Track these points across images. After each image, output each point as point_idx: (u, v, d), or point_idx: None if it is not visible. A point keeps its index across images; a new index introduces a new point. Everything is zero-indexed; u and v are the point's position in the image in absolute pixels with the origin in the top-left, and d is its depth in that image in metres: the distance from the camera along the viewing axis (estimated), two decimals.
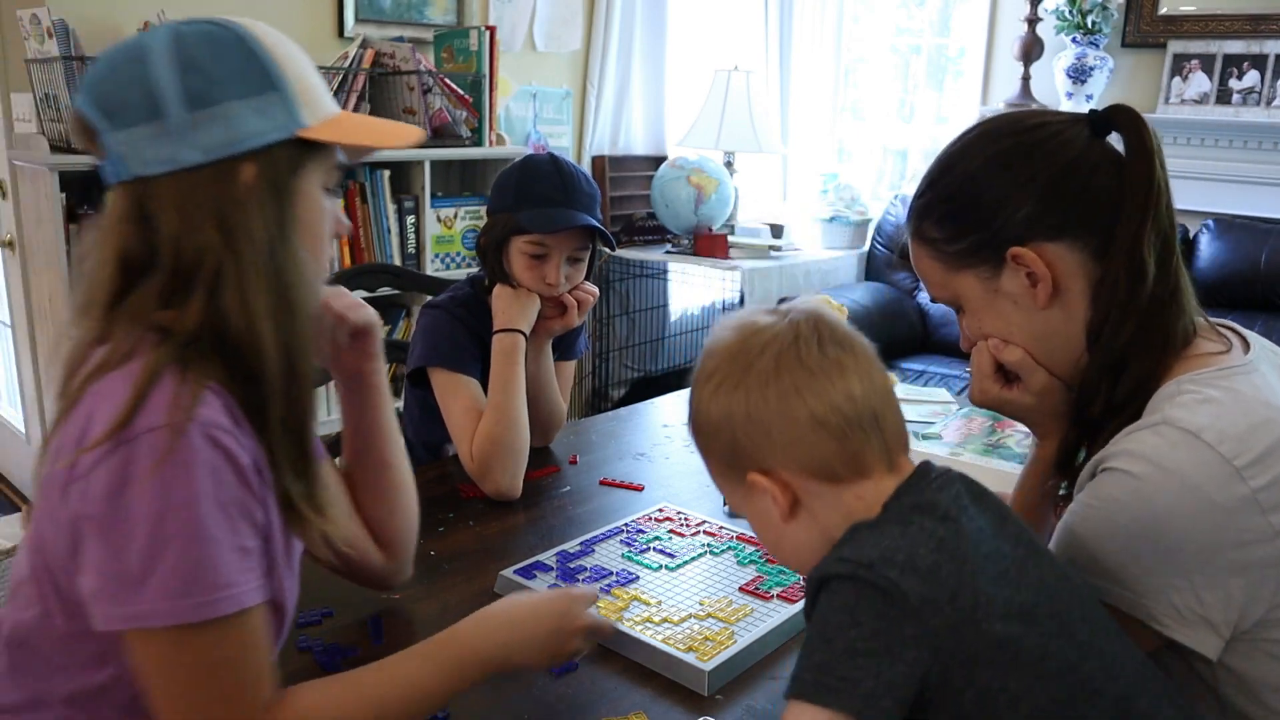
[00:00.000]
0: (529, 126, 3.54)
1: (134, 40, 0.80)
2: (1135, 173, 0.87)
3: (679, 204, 3.60)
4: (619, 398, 3.85)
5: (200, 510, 0.72)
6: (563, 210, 1.48)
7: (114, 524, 0.72)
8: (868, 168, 4.52)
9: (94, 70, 0.80)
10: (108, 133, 0.78)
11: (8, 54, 2.53)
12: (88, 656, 0.80)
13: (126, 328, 0.78)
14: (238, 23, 0.82)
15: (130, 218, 0.79)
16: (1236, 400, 0.82)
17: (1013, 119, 0.93)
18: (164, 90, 0.77)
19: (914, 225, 0.97)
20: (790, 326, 0.79)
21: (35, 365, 2.63)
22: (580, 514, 1.42)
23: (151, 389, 0.73)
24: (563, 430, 1.71)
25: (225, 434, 0.75)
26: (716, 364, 0.80)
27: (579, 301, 1.56)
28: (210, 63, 0.78)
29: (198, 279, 0.77)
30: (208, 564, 0.73)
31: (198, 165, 0.77)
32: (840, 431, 0.76)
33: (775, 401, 0.76)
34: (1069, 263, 0.89)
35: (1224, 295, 3.27)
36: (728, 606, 1.12)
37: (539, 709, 0.97)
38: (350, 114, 0.87)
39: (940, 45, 4.36)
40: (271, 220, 0.79)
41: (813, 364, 0.76)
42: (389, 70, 2.84)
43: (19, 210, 2.56)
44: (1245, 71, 3.40)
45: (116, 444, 0.71)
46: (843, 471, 0.77)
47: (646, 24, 3.78)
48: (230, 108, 0.78)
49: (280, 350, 0.79)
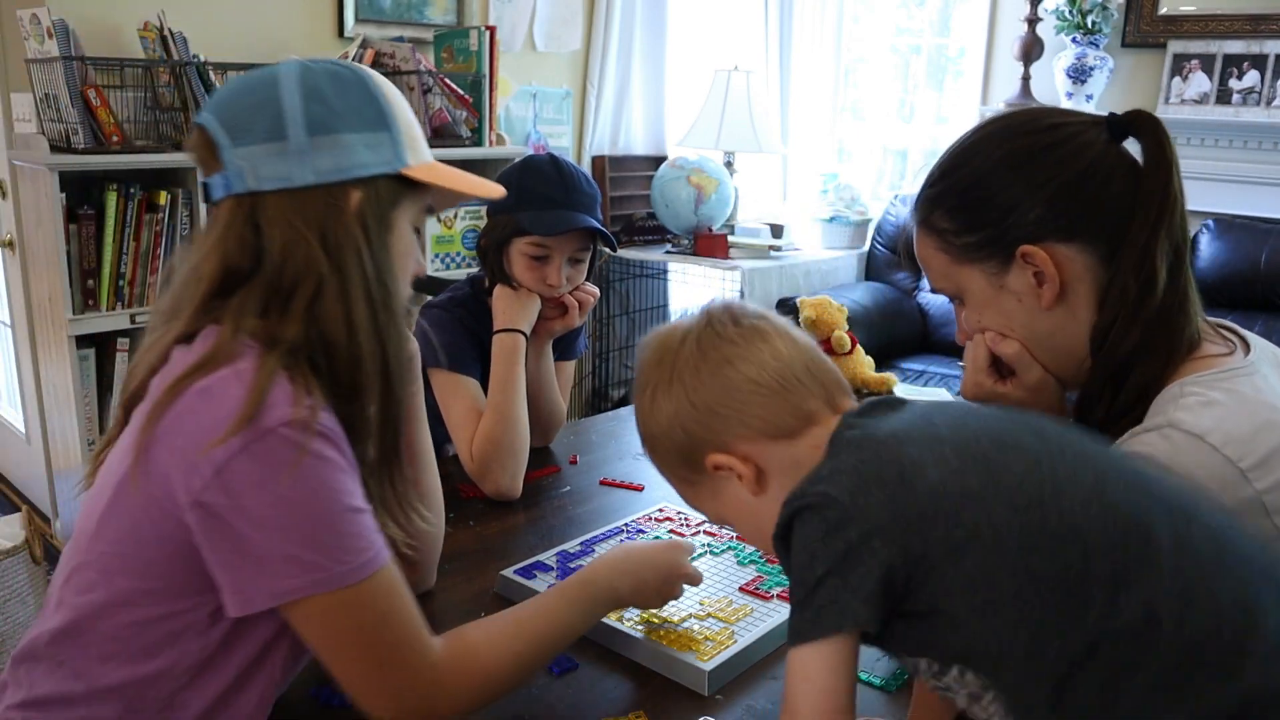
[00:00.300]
0: (529, 126, 3.54)
1: (266, 69, 0.88)
2: (1153, 181, 0.87)
3: (679, 204, 3.60)
4: (619, 398, 3.85)
5: (342, 484, 0.80)
6: (564, 212, 1.48)
7: (269, 509, 0.77)
8: (868, 168, 4.52)
9: (223, 91, 0.89)
10: (229, 148, 0.85)
11: (8, 54, 2.53)
12: (141, 647, 0.82)
13: (219, 331, 0.83)
14: (360, 67, 0.91)
15: (240, 228, 0.84)
16: (1240, 402, 0.82)
17: (1032, 116, 0.92)
18: (289, 114, 0.84)
19: (922, 214, 0.96)
20: (702, 315, 0.83)
21: (35, 365, 2.63)
22: (580, 514, 1.42)
23: (271, 385, 0.78)
24: (563, 430, 1.71)
25: (334, 429, 0.82)
26: (646, 375, 0.83)
27: (580, 302, 1.56)
28: (333, 96, 0.86)
29: (299, 291, 0.84)
30: (358, 528, 0.81)
31: (309, 186, 0.84)
32: (778, 387, 0.78)
33: (709, 379, 0.79)
34: (1077, 265, 0.89)
35: (1224, 295, 3.27)
36: (728, 606, 1.12)
37: (539, 709, 0.97)
38: (443, 164, 0.96)
39: (940, 45, 4.36)
40: (371, 244, 0.86)
41: (733, 335, 0.80)
42: (389, 70, 2.84)
43: (19, 210, 2.56)
44: (1245, 71, 3.40)
45: (252, 436, 0.76)
46: (793, 422, 0.78)
47: (646, 24, 3.78)
48: (345, 138, 0.85)
49: (379, 364, 0.87)
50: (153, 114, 2.43)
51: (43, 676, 0.84)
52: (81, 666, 0.83)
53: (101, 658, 0.82)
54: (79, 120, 2.25)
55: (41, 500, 2.82)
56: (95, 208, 2.32)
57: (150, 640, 0.82)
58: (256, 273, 0.84)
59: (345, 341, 0.84)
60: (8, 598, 1.73)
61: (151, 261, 2.41)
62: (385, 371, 0.87)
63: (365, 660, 0.82)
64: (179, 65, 2.40)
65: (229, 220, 0.85)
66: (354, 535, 0.81)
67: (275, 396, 0.78)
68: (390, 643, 0.83)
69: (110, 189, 2.33)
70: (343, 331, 0.84)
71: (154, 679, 0.82)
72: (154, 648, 0.82)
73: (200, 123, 0.87)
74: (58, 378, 2.44)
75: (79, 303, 2.33)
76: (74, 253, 2.30)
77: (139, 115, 2.41)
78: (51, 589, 0.88)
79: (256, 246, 0.84)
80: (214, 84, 2.45)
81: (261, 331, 0.83)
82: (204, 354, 0.81)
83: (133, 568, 0.82)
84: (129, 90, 2.38)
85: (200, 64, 2.42)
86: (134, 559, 0.81)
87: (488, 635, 0.91)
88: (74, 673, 0.83)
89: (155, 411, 0.79)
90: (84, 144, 2.27)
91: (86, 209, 2.31)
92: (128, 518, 0.81)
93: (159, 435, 0.79)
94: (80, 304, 2.33)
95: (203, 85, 2.43)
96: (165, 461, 0.78)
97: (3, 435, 3.17)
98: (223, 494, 0.76)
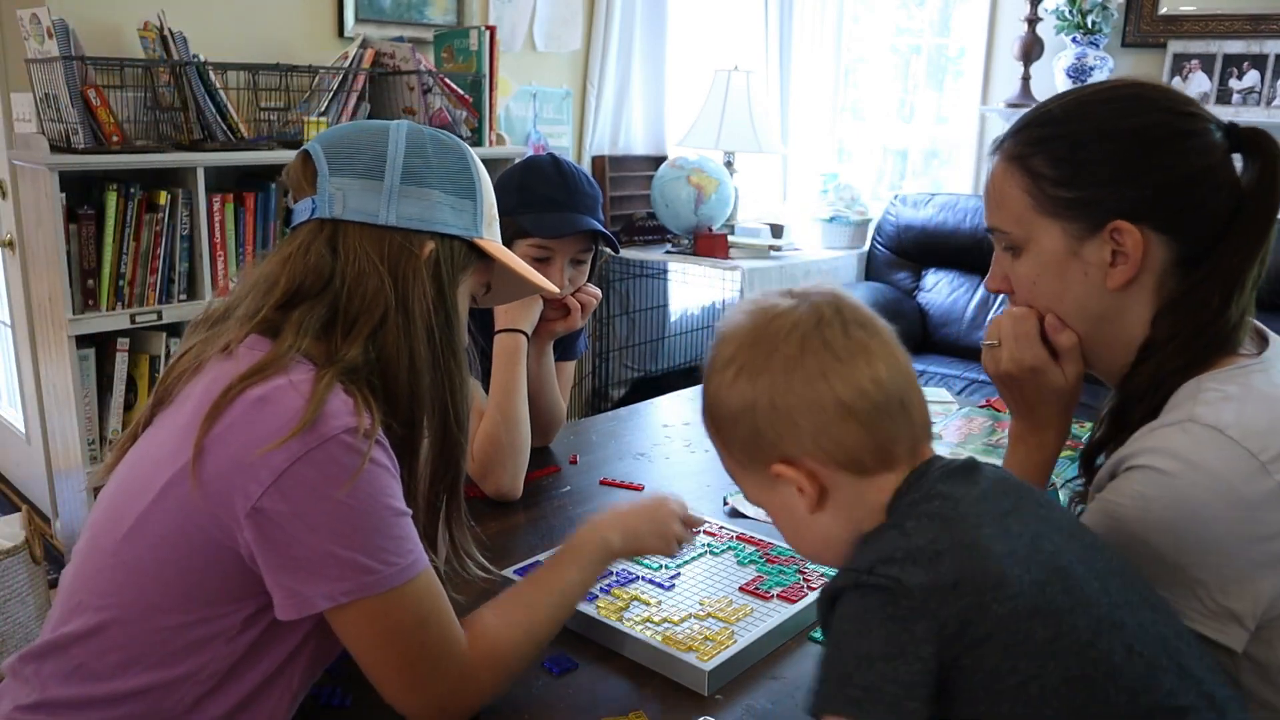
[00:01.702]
0: (529, 126, 3.54)
1: (381, 122, 0.95)
2: (1262, 205, 0.86)
3: (679, 204, 3.60)
4: (619, 398, 3.85)
5: (393, 489, 0.83)
6: (567, 214, 1.48)
7: (328, 515, 0.79)
8: (868, 168, 4.52)
9: (337, 129, 0.95)
10: (327, 176, 0.90)
11: (8, 54, 2.53)
12: (168, 653, 0.82)
13: (272, 342, 0.85)
14: (463, 142, 0.98)
15: (319, 248, 0.89)
16: (1257, 397, 0.82)
17: (1168, 94, 0.89)
18: (390, 159, 0.91)
19: (1020, 150, 0.92)
20: (812, 309, 0.76)
21: (35, 365, 2.62)
22: (580, 514, 1.42)
23: (329, 395, 0.81)
24: (563, 430, 1.71)
25: (383, 437, 0.84)
26: (734, 350, 0.77)
27: (582, 304, 1.56)
28: (433, 156, 0.93)
29: (364, 318, 0.87)
30: (404, 531, 0.84)
31: (390, 226, 0.89)
32: (869, 418, 0.73)
33: (801, 387, 0.73)
34: (1156, 258, 0.88)
35: None
36: (728, 606, 1.12)
37: (539, 709, 0.97)
38: (507, 250, 1.02)
39: (940, 45, 4.36)
40: (441, 292, 0.91)
41: (838, 347, 0.74)
42: (389, 70, 2.84)
43: (19, 210, 2.56)
44: (1245, 71, 3.40)
45: (312, 443, 0.78)
46: (870, 463, 0.75)
47: (646, 24, 3.78)
48: (434, 195, 0.92)
49: (440, 406, 0.91)
50: (153, 114, 2.43)
51: (57, 679, 0.84)
52: (100, 669, 0.82)
53: (124, 662, 0.82)
54: (79, 120, 2.25)
55: (41, 500, 2.82)
56: (95, 208, 2.32)
57: (178, 646, 0.82)
58: (324, 293, 0.88)
59: (406, 375, 0.88)
60: (8, 598, 1.73)
61: (151, 261, 2.41)
62: (446, 414, 0.92)
63: (403, 661, 0.84)
64: (179, 65, 2.40)
65: (308, 240, 0.89)
66: (401, 539, 0.83)
67: (334, 405, 0.80)
68: (428, 643, 0.85)
69: (110, 189, 2.33)
70: (405, 365, 0.88)
71: (176, 684, 0.82)
72: (181, 653, 0.82)
73: (306, 149, 0.93)
74: (58, 378, 2.44)
75: (79, 303, 2.33)
76: (74, 253, 2.30)
77: (139, 115, 2.41)
78: (65, 588, 0.88)
79: (330, 268, 0.88)
80: (214, 84, 2.45)
81: (317, 350, 0.86)
82: (257, 362, 0.83)
83: (169, 573, 0.82)
84: (129, 90, 2.38)
85: (200, 64, 2.42)
86: (173, 564, 0.81)
87: (504, 621, 0.92)
88: (92, 675, 0.82)
89: (208, 419, 0.80)
90: (84, 144, 2.27)
91: (86, 209, 2.31)
92: (174, 522, 0.81)
93: (212, 442, 0.80)
94: (80, 304, 2.33)
95: (203, 85, 2.43)
96: (220, 469, 0.79)
97: (3, 435, 3.17)
98: (282, 500, 0.78)
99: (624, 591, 1.15)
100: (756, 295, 0.81)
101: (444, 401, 0.92)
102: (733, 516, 1.41)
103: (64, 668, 0.83)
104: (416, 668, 0.85)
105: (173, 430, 0.84)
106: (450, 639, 0.87)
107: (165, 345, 2.48)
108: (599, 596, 1.13)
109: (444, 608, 0.87)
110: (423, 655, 0.85)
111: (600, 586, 1.15)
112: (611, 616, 1.09)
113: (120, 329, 2.41)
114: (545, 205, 1.48)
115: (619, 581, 1.17)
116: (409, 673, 0.85)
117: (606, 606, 1.11)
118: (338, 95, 2.72)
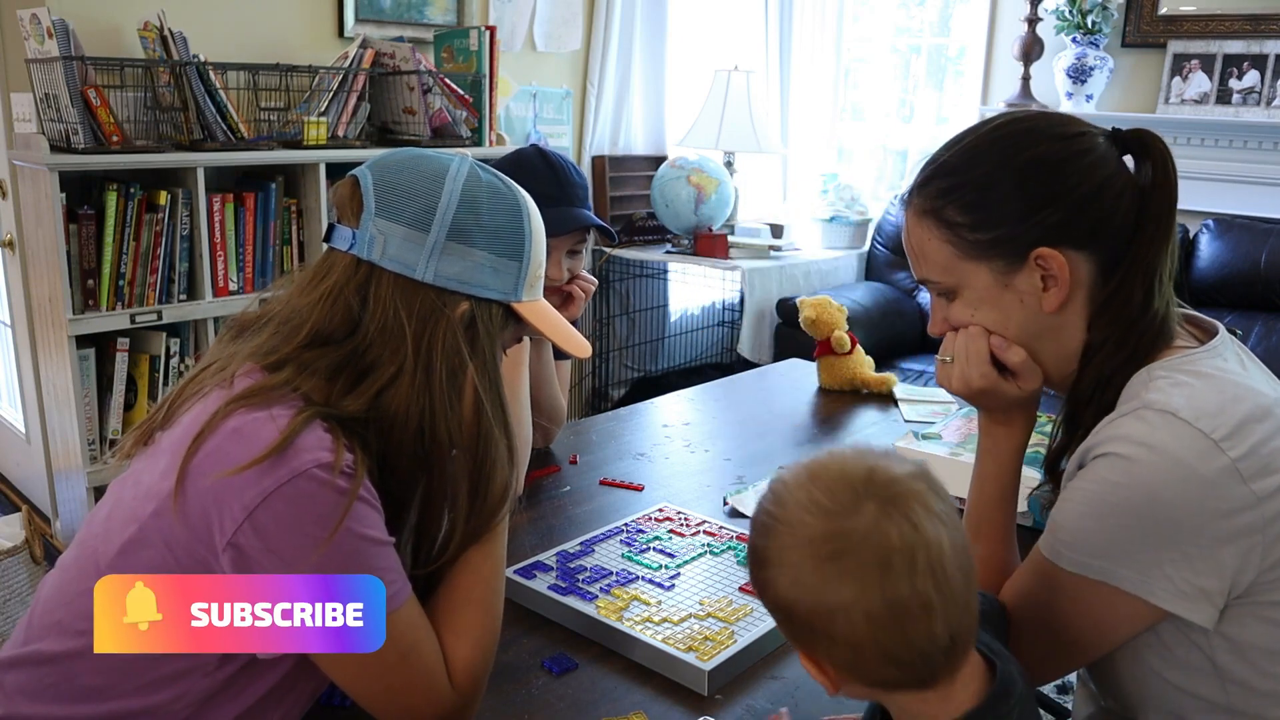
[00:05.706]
0: (529, 126, 3.54)
1: (444, 158, 0.91)
2: (1160, 201, 0.91)
3: (679, 204, 3.60)
4: (619, 398, 3.85)
5: (371, 520, 0.81)
6: (563, 209, 1.48)
7: (300, 550, 0.77)
8: (868, 168, 4.52)
9: (396, 159, 0.91)
10: (372, 215, 0.87)
11: (8, 54, 2.53)
12: (146, 682, 0.81)
13: (265, 375, 0.84)
14: (525, 195, 0.95)
15: (350, 296, 0.87)
16: (1205, 380, 0.85)
17: (1053, 121, 0.94)
18: (440, 212, 0.87)
19: (930, 204, 0.95)
20: (880, 534, 0.69)
21: (35, 365, 2.62)
22: (580, 514, 1.42)
23: (305, 430, 0.79)
24: (563, 430, 1.71)
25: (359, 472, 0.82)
26: (807, 533, 0.72)
27: (583, 291, 1.56)
28: (485, 211, 0.90)
29: (374, 374, 0.86)
30: (385, 562, 0.82)
31: (425, 283, 0.87)
32: (910, 666, 0.71)
33: (863, 625, 0.70)
34: (1082, 273, 0.92)
35: (1224, 295, 3.27)
36: (728, 606, 1.12)
37: (539, 709, 0.97)
38: (547, 305, 0.99)
39: (940, 45, 4.36)
40: (461, 354, 0.88)
41: (903, 595, 0.69)
42: (389, 70, 2.84)
43: (19, 210, 2.56)
44: (1245, 71, 3.40)
45: (282, 477, 0.76)
46: (907, 682, 0.73)
47: (646, 24, 3.78)
48: (478, 254, 0.89)
49: (469, 452, 0.89)
50: (153, 114, 2.43)
51: (25, 695, 0.83)
52: (72, 692, 0.81)
53: (98, 688, 0.81)
54: (79, 120, 2.25)
55: (41, 500, 2.82)
56: (95, 208, 2.32)
57: (153, 677, 0.81)
58: (347, 341, 0.86)
59: (413, 433, 0.86)
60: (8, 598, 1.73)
61: (151, 261, 2.41)
62: (477, 476, 0.90)
63: (389, 695, 0.83)
64: (179, 65, 2.40)
65: (343, 282, 0.87)
66: (382, 570, 0.81)
67: (307, 440, 0.78)
68: (414, 673, 0.84)
69: (110, 189, 2.33)
70: (414, 422, 0.86)
71: (148, 713, 0.81)
72: (156, 684, 0.81)
73: (357, 176, 0.89)
74: (58, 378, 2.44)
75: (79, 303, 2.33)
76: (74, 253, 2.30)
77: (139, 115, 2.41)
78: (46, 599, 0.86)
79: (358, 319, 0.87)
80: (214, 84, 2.45)
81: (318, 390, 0.84)
82: (243, 389, 0.82)
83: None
84: (129, 90, 2.38)
85: (200, 64, 2.42)
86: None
87: (466, 634, 0.89)
88: (62, 695, 0.81)
89: (191, 448, 0.79)
90: (84, 144, 2.27)
91: (86, 209, 2.31)
92: (158, 555, 0.80)
93: (191, 472, 0.79)
94: (80, 304, 2.33)
95: (203, 85, 2.43)
96: (198, 500, 0.78)
97: (3, 435, 3.17)
98: (255, 536, 0.77)
99: (624, 591, 1.15)
100: (820, 469, 0.74)
101: (475, 452, 0.89)
102: (733, 516, 1.41)
103: (34, 684, 0.82)
104: (402, 699, 0.84)
105: (162, 456, 0.83)
106: (435, 670, 0.85)
107: (165, 345, 2.48)
108: (599, 596, 1.13)
109: (427, 639, 0.85)
110: (409, 687, 0.83)
111: (600, 586, 1.16)
112: (611, 616, 1.09)
113: (120, 329, 2.41)
114: (539, 202, 1.47)
115: (619, 581, 1.17)
116: (398, 704, 0.84)
117: (606, 606, 1.11)
118: (338, 95, 2.72)
